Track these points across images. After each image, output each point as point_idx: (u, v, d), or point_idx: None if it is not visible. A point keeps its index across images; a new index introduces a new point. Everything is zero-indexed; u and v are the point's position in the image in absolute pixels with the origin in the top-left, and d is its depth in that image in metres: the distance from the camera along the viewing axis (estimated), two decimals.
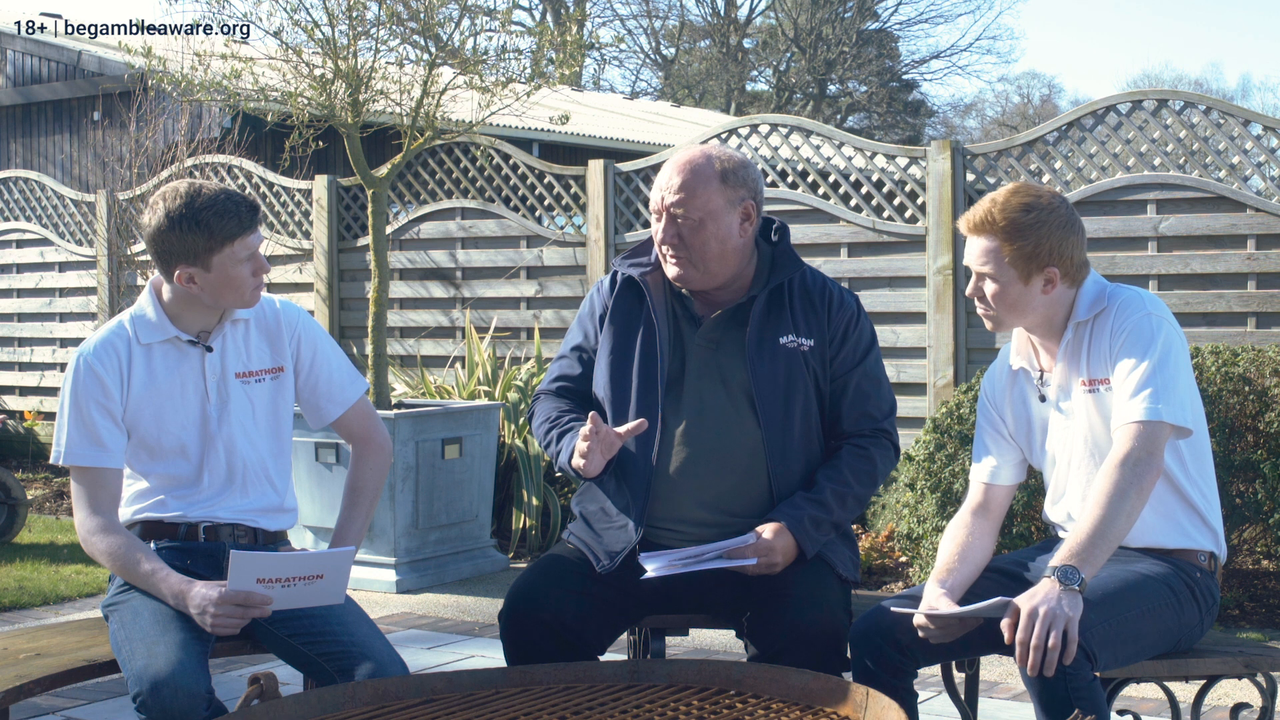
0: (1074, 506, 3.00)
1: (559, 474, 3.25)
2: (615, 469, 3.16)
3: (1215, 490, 3.02)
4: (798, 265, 3.21)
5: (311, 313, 6.69)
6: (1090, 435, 2.95)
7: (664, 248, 3.13)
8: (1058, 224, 2.90)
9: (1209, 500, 2.98)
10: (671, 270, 3.15)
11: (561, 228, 8.18)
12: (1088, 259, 2.99)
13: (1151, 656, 2.86)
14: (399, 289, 8.66)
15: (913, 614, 2.82)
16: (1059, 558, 2.68)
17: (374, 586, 6.33)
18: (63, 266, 10.41)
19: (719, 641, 5.24)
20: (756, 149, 7.52)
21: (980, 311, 3.00)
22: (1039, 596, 2.61)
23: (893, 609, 2.87)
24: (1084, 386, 2.94)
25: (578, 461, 3.06)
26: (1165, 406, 2.78)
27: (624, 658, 3.40)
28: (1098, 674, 2.64)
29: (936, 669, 3.42)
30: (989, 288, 2.94)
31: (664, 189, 3.11)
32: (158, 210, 3.02)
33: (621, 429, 3.04)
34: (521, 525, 7.02)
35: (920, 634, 2.83)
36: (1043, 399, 3.04)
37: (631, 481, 3.14)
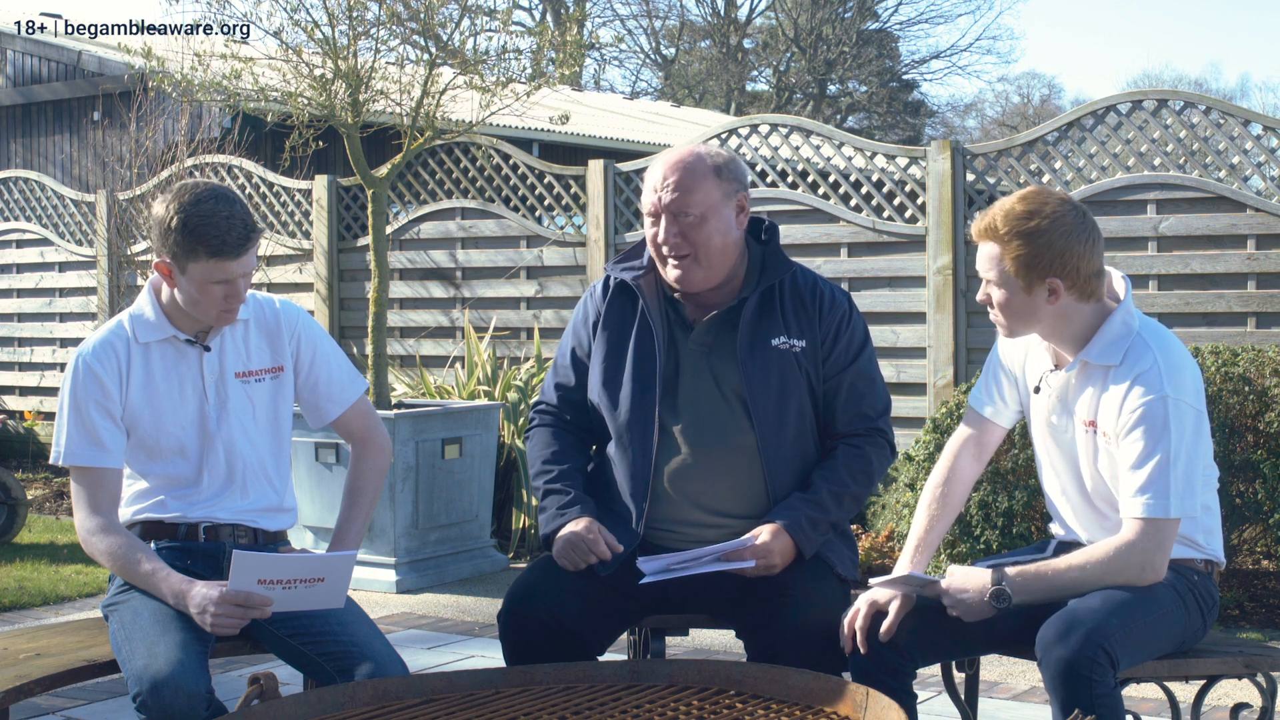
0: (1060, 529, 3.08)
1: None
2: (613, 473, 3.17)
3: (1217, 511, 3.01)
4: (788, 266, 3.19)
5: (311, 313, 6.69)
6: (1083, 473, 2.95)
7: (664, 249, 3.09)
8: (1061, 232, 2.79)
9: (1206, 523, 2.96)
10: (672, 273, 3.11)
11: (561, 228, 8.18)
12: (1103, 270, 2.88)
13: (1155, 657, 2.87)
14: (399, 289, 8.66)
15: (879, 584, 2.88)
16: (1014, 580, 2.78)
17: (374, 586, 6.33)
18: (63, 266, 10.41)
19: (719, 641, 5.24)
20: (756, 149, 7.52)
21: (991, 318, 2.97)
22: (966, 592, 2.79)
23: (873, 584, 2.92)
24: (1085, 425, 2.92)
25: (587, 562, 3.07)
26: (1173, 502, 2.77)
27: (624, 658, 3.39)
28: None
29: (936, 669, 3.42)
30: (995, 295, 2.90)
31: (660, 189, 3.06)
32: (169, 196, 3.04)
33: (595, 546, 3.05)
34: (521, 525, 7.02)
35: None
36: (1037, 390, 3.02)
37: (629, 484, 3.14)
